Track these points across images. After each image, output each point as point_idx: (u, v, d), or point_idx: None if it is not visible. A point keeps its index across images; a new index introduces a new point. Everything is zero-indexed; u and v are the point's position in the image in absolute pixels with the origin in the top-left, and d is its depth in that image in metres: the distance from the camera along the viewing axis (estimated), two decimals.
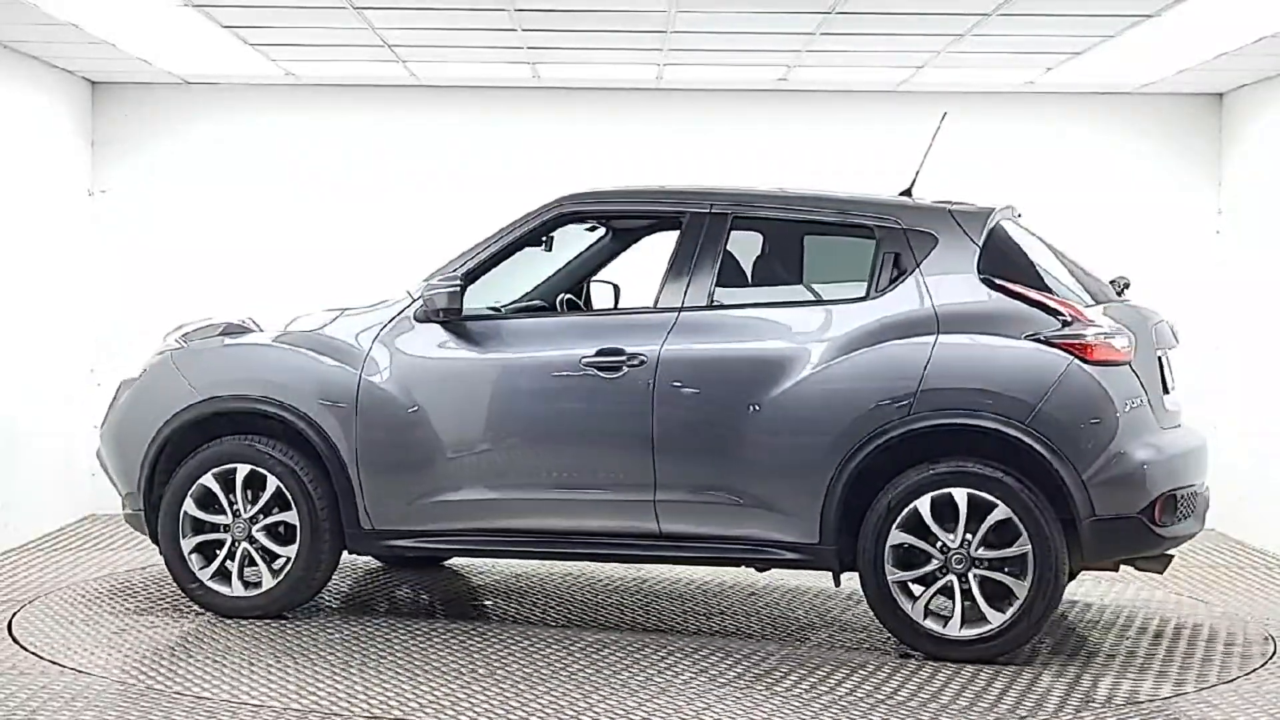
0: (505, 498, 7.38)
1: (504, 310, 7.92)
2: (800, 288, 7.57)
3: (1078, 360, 6.87)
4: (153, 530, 7.76)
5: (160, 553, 7.74)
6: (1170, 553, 7.26)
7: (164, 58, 9.93)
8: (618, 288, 8.57)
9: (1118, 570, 7.50)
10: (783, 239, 7.58)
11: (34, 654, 6.91)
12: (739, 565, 7.46)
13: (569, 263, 8.54)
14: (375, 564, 9.12)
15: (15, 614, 7.67)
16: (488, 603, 8.29)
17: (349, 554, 7.72)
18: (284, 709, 6.11)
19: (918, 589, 6.94)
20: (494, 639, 7.30)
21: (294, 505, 7.54)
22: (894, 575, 6.95)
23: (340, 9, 8.37)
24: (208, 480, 7.63)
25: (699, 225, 7.43)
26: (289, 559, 7.56)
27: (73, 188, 10.70)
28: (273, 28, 8.99)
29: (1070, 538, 6.88)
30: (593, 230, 8.48)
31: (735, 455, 7.10)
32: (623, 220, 8.29)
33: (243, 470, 7.60)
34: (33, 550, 9.49)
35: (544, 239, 7.78)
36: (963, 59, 9.61)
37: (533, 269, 8.31)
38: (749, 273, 7.53)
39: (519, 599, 8.32)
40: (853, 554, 7.07)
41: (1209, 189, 10.95)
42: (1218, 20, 8.37)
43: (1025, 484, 6.86)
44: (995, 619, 6.86)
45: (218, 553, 7.63)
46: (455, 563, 9.17)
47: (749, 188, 7.74)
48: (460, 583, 8.76)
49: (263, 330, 7.94)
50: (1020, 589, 6.84)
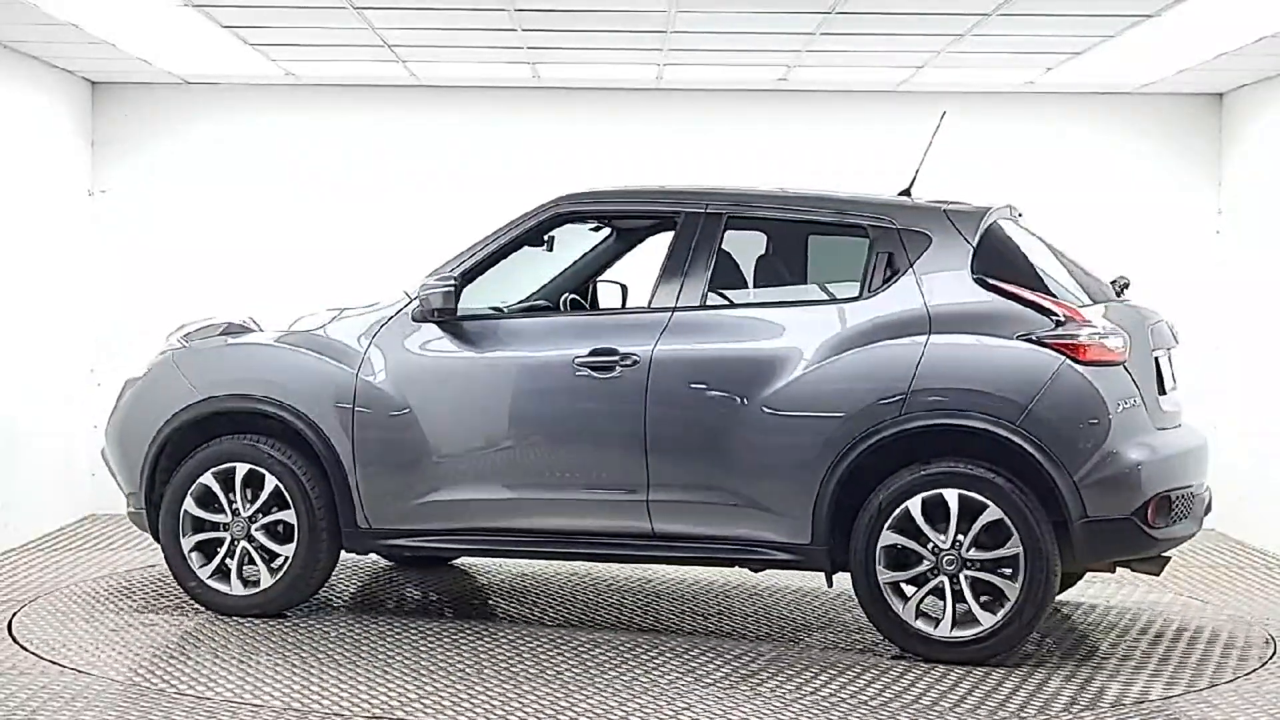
0: (499, 497, 7.38)
1: (506, 310, 7.92)
2: (795, 287, 7.56)
3: (1070, 360, 6.83)
4: (154, 529, 7.80)
5: (162, 551, 7.79)
6: (1166, 555, 7.22)
7: (164, 58, 9.93)
8: (625, 288, 8.57)
9: (1113, 571, 7.49)
10: (777, 239, 7.58)
11: (34, 654, 6.91)
12: (732, 565, 7.46)
13: (574, 263, 8.55)
14: (381, 563, 9.12)
15: (15, 614, 7.67)
16: (489, 602, 8.29)
17: (348, 553, 7.74)
18: (284, 708, 6.11)
19: (909, 590, 6.92)
20: (490, 638, 7.30)
21: (292, 504, 7.57)
22: (885, 576, 6.93)
23: (340, 9, 8.37)
24: (207, 479, 7.66)
25: (694, 225, 7.42)
26: (287, 558, 7.58)
27: (73, 188, 10.69)
28: (273, 28, 8.99)
29: (1062, 539, 6.84)
30: (597, 230, 8.49)
31: (727, 455, 7.09)
32: (619, 220, 8.28)
33: (242, 469, 7.64)
34: (33, 550, 9.49)
35: (545, 239, 7.78)
36: (963, 59, 9.61)
37: (536, 269, 8.32)
38: (743, 273, 7.52)
39: (520, 599, 8.31)
40: (845, 554, 7.04)
41: (1209, 189, 10.95)
42: (1218, 20, 8.37)
43: (1016, 485, 6.82)
44: (986, 620, 6.83)
45: (218, 551, 7.66)
46: (462, 562, 9.16)
47: (745, 188, 7.73)
48: (463, 582, 8.76)
49: (263, 330, 7.97)
50: (1011, 590, 6.81)
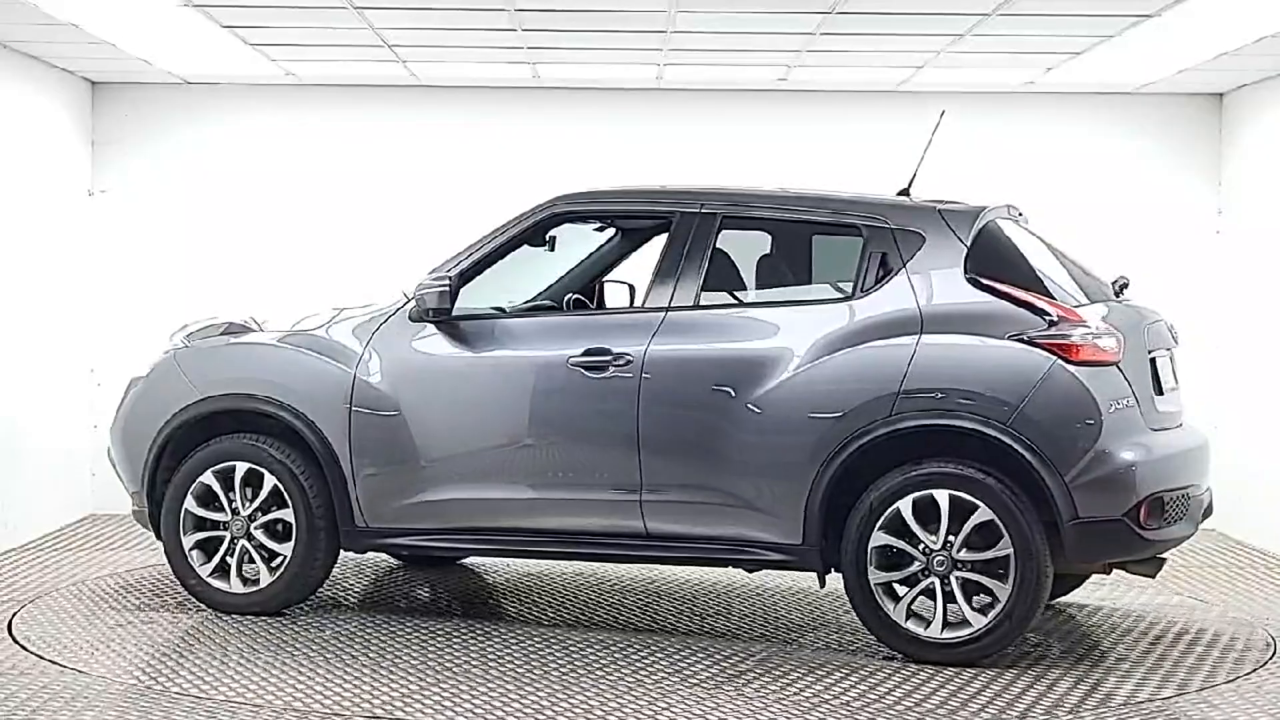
0: (494, 497, 7.38)
1: (509, 310, 7.91)
2: (789, 287, 7.55)
3: (1062, 361, 6.78)
4: (156, 527, 7.83)
5: (163, 549, 7.82)
6: (1162, 556, 7.16)
7: (164, 58, 9.93)
8: (633, 288, 8.54)
9: (1109, 573, 7.46)
10: (772, 239, 7.57)
11: (34, 654, 6.91)
12: (725, 566, 7.45)
13: (579, 263, 8.55)
14: (381, 562, 9.12)
15: (15, 614, 7.67)
16: (489, 601, 8.29)
17: (350, 553, 7.75)
18: (284, 708, 6.11)
19: (901, 590, 6.88)
20: (489, 638, 7.30)
21: (290, 503, 7.59)
22: (876, 577, 6.90)
23: (340, 9, 8.37)
24: (208, 478, 7.69)
25: (688, 225, 7.40)
26: (286, 557, 7.60)
27: (73, 188, 10.69)
28: (273, 28, 8.99)
29: (1054, 540, 6.79)
30: (601, 231, 8.48)
31: (719, 455, 7.07)
32: (615, 220, 8.28)
33: (241, 468, 7.66)
34: (33, 550, 9.49)
35: (547, 239, 7.79)
36: (963, 59, 9.60)
37: (540, 270, 8.32)
38: (738, 272, 7.51)
39: (520, 598, 8.31)
40: (838, 555, 7.02)
41: (1209, 189, 10.94)
42: (1218, 20, 8.37)
43: (1007, 485, 6.78)
44: (977, 621, 6.80)
45: (218, 549, 7.69)
46: (469, 561, 9.15)
47: (741, 188, 7.71)
48: (467, 581, 8.75)
49: (263, 330, 7.98)
50: (1002, 591, 6.77)
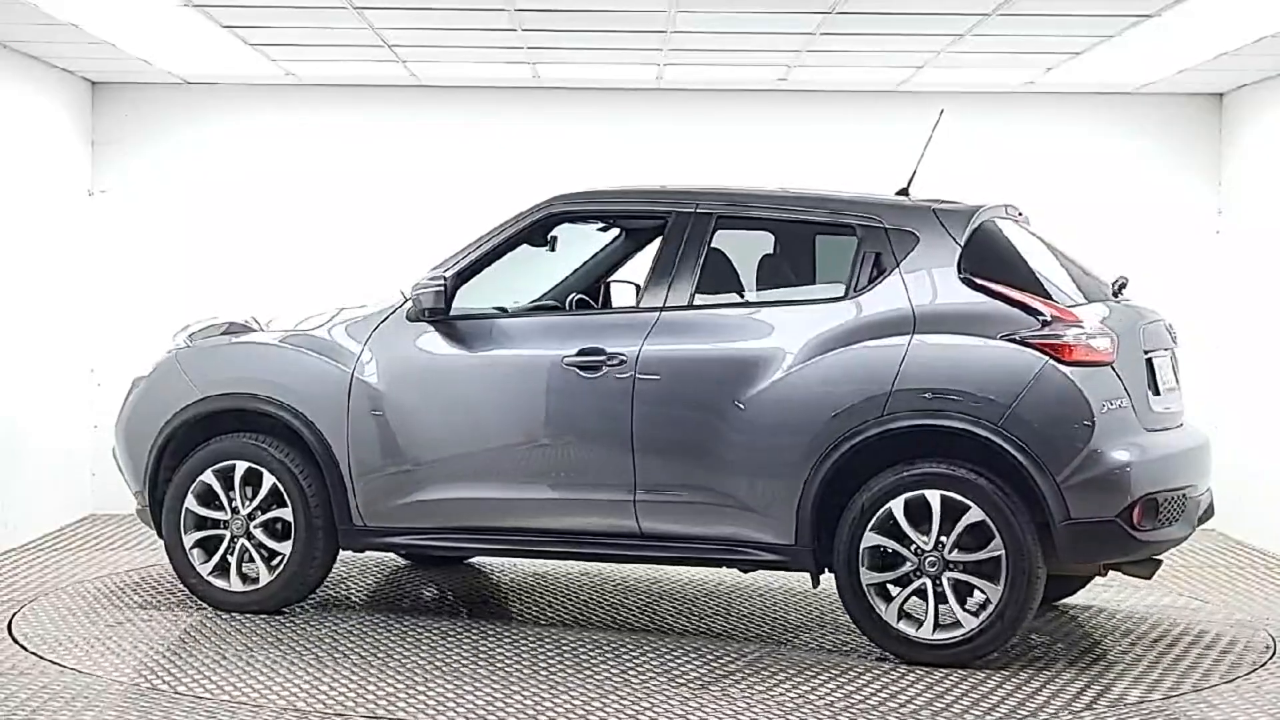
0: (489, 496, 7.39)
1: (511, 310, 7.90)
2: (783, 287, 7.52)
3: (1054, 361, 6.74)
4: (158, 526, 7.88)
5: (165, 547, 7.87)
6: (1158, 558, 7.10)
7: (164, 58, 9.93)
8: (640, 287, 8.52)
9: (1104, 575, 7.43)
10: (768, 239, 7.56)
11: (34, 654, 6.91)
12: (719, 566, 7.43)
13: (584, 263, 8.56)
14: (382, 561, 9.12)
15: (15, 614, 7.67)
16: (489, 601, 8.28)
17: (355, 553, 7.75)
18: (284, 708, 6.11)
19: (894, 590, 6.85)
20: (489, 638, 7.30)
21: (289, 502, 7.61)
22: (868, 577, 6.88)
23: (340, 9, 8.37)
24: (208, 477, 7.73)
25: (683, 225, 7.40)
26: (285, 555, 7.63)
27: (73, 188, 10.69)
28: (273, 28, 8.99)
29: (1046, 541, 6.75)
30: (605, 231, 8.48)
31: (712, 455, 7.06)
32: (612, 220, 8.27)
33: (241, 467, 7.70)
34: (33, 550, 9.49)
35: (548, 239, 7.79)
36: (963, 59, 9.60)
37: (542, 270, 8.32)
38: (733, 272, 7.49)
39: (521, 598, 8.31)
40: (831, 555, 6.99)
41: (1209, 189, 10.94)
42: (1218, 20, 8.37)
43: (999, 486, 6.75)
44: (968, 622, 6.77)
45: (219, 548, 7.72)
46: (476, 560, 9.14)
47: (737, 188, 7.69)
48: (469, 581, 8.74)
49: (263, 329, 8.01)
50: (994, 592, 6.74)
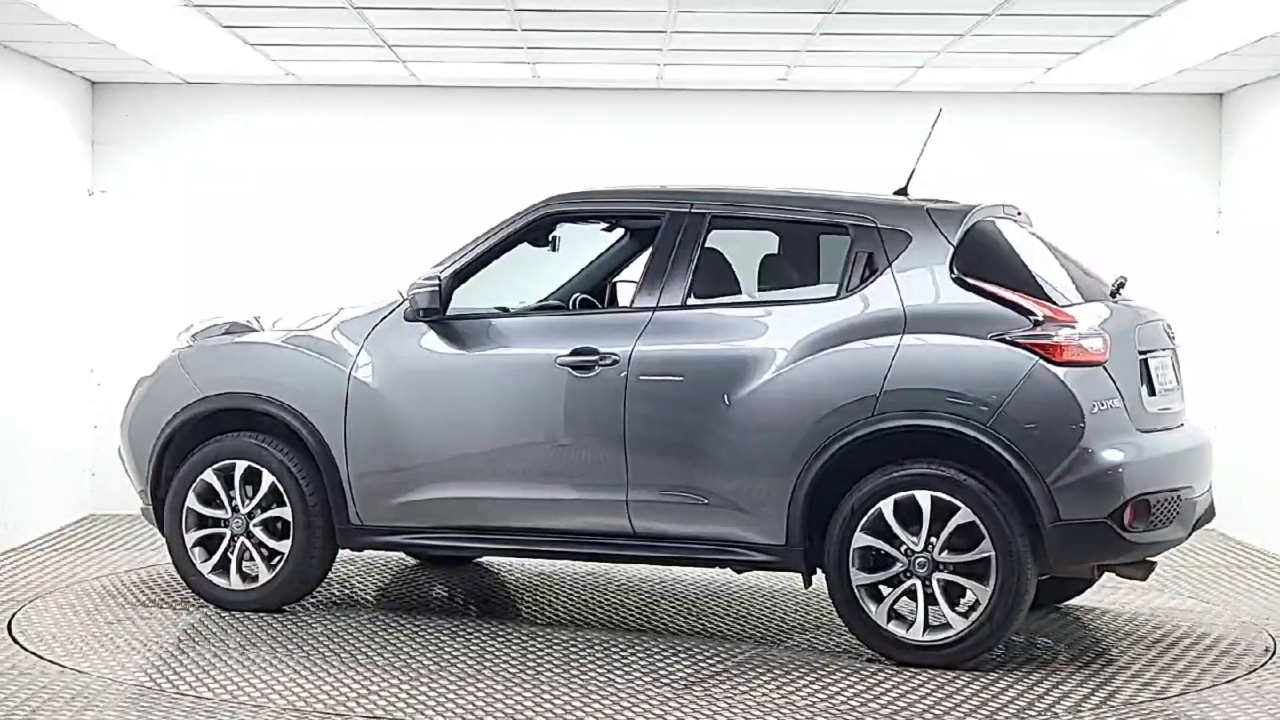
0: (483, 496, 7.40)
1: (512, 311, 7.90)
2: (783, 286, 7.50)
3: (1044, 361, 6.69)
4: (160, 524, 7.91)
5: (166, 545, 7.92)
6: (1151, 559, 7.06)
7: (164, 58, 9.93)
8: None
9: (1098, 576, 7.32)
10: (761, 238, 7.56)
11: (34, 654, 6.91)
12: (711, 566, 7.42)
13: (589, 263, 8.56)
14: (402, 561, 9.14)
15: (15, 614, 7.67)
16: (493, 601, 8.28)
17: (356, 551, 7.76)
18: (285, 707, 6.12)
19: (885, 591, 6.82)
20: (483, 636, 7.30)
21: (288, 501, 7.64)
22: (858, 578, 6.85)
23: (340, 9, 8.37)
24: (209, 476, 7.76)
25: (677, 225, 7.39)
26: (284, 554, 7.66)
27: (73, 188, 10.69)
28: (273, 28, 8.99)
29: (1036, 542, 6.70)
30: (610, 231, 8.47)
31: (704, 455, 7.05)
32: (609, 220, 8.27)
33: (241, 466, 7.73)
34: (33, 550, 9.49)
35: (550, 240, 7.79)
36: (963, 59, 9.60)
37: (545, 270, 8.32)
38: (726, 272, 7.48)
39: (524, 597, 8.32)
40: (822, 555, 6.96)
41: (1209, 189, 10.94)
42: (1218, 20, 8.37)
43: (988, 487, 6.71)
44: (958, 624, 6.74)
45: (219, 546, 7.75)
46: (484, 560, 9.12)
47: (733, 187, 7.68)
48: (474, 580, 8.74)
49: (264, 329, 8.02)
50: (983, 593, 6.70)
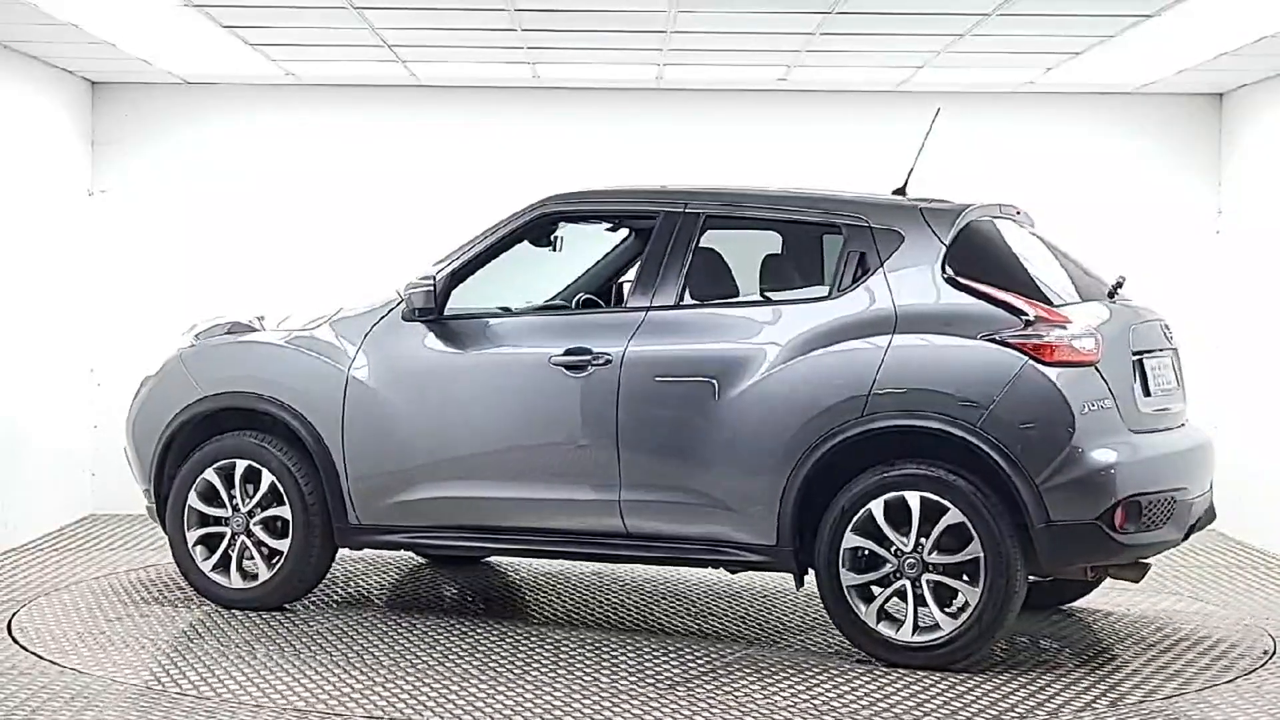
0: (479, 495, 7.40)
1: (514, 310, 7.89)
2: (782, 285, 7.48)
3: (1034, 361, 6.66)
4: (163, 522, 7.96)
5: (169, 543, 7.95)
6: (1145, 561, 7.03)
7: (164, 58, 9.93)
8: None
9: (1092, 578, 7.17)
10: (755, 238, 7.55)
11: (34, 654, 6.91)
12: (704, 566, 7.40)
13: (596, 263, 8.56)
14: (410, 560, 9.15)
15: (15, 614, 7.67)
16: (496, 601, 8.27)
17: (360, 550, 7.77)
18: (284, 708, 6.12)
19: (876, 592, 6.80)
20: (482, 636, 7.30)
21: (287, 500, 7.67)
22: (848, 579, 6.83)
23: (340, 9, 8.37)
24: (210, 475, 7.80)
25: (671, 225, 7.39)
26: (284, 553, 7.68)
27: (73, 188, 10.69)
28: (273, 28, 8.99)
29: (1026, 544, 6.66)
30: (615, 231, 8.47)
31: (696, 455, 7.05)
32: (605, 220, 8.27)
33: (241, 465, 7.76)
34: (33, 550, 9.49)
35: (552, 240, 7.80)
36: (963, 59, 9.60)
37: (543, 270, 8.32)
38: (723, 272, 7.47)
39: (526, 597, 8.32)
40: (813, 556, 6.94)
41: (1209, 189, 10.94)
42: (1218, 20, 8.37)
43: (977, 487, 6.68)
44: (947, 625, 6.71)
45: (220, 545, 7.78)
46: (494, 560, 9.11)
47: (728, 187, 7.67)
48: (482, 580, 8.72)
49: (265, 329, 8.06)
50: (972, 595, 6.67)
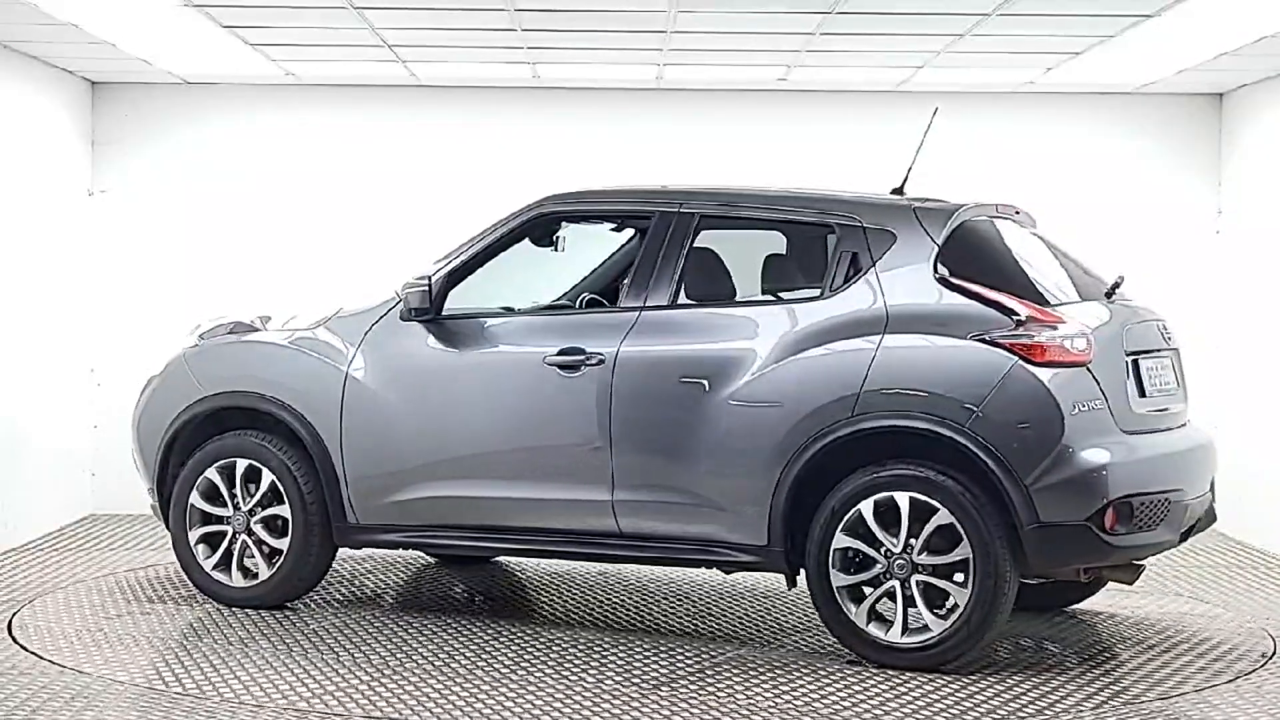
0: (474, 495, 7.41)
1: (517, 311, 7.88)
2: (779, 286, 7.49)
3: (1023, 361, 6.63)
4: (167, 521, 7.99)
5: (171, 542, 8.00)
6: (1139, 563, 7.00)
7: (164, 58, 9.92)
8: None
9: (1086, 580, 7.07)
10: (749, 238, 7.55)
11: (34, 654, 6.91)
12: (697, 566, 7.40)
13: (601, 263, 8.57)
14: (414, 560, 9.16)
15: (15, 614, 7.67)
16: (496, 601, 8.27)
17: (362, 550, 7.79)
18: (284, 708, 6.12)
19: (867, 592, 6.78)
20: (481, 636, 7.30)
21: (287, 499, 7.69)
22: (838, 579, 6.81)
23: (340, 9, 8.37)
24: (212, 474, 7.85)
25: (665, 225, 7.39)
26: (283, 552, 7.70)
27: (73, 188, 10.69)
28: (273, 28, 8.99)
29: (1016, 545, 6.62)
30: (619, 230, 8.48)
31: (687, 455, 7.04)
32: (602, 220, 8.27)
33: (242, 464, 7.80)
34: (33, 550, 9.49)
35: (554, 240, 7.80)
36: (963, 59, 9.60)
37: (544, 270, 8.33)
38: (718, 272, 7.46)
39: (529, 597, 8.32)
40: (804, 556, 6.93)
41: (1209, 189, 10.94)
42: (1218, 20, 8.37)
43: (967, 488, 6.65)
44: (936, 626, 6.69)
45: (222, 544, 7.82)
46: (504, 559, 9.11)
47: (724, 187, 7.67)
48: (488, 580, 8.72)
49: (267, 328, 8.09)
50: (961, 596, 6.64)
